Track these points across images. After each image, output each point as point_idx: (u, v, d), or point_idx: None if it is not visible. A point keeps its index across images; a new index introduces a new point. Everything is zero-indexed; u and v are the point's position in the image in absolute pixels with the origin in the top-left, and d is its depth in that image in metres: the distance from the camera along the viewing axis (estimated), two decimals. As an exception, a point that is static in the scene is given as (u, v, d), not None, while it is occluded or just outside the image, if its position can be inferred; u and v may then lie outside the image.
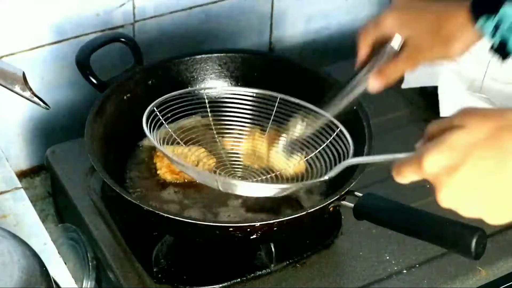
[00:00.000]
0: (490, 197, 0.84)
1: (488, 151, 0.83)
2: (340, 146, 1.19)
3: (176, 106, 1.24)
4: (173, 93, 1.24)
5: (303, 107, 1.25)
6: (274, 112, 1.27)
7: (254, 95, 1.27)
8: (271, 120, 1.28)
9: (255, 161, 1.27)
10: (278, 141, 1.28)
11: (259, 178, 1.23)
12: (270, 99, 1.27)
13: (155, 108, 1.21)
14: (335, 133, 1.20)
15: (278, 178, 1.23)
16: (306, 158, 1.23)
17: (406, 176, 0.90)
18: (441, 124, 0.88)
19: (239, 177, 1.23)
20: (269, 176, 1.23)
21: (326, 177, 1.13)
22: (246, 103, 1.27)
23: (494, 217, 0.86)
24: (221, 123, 1.29)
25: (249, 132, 1.29)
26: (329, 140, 1.21)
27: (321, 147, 1.22)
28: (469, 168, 0.83)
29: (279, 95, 1.27)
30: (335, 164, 1.16)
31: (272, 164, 1.27)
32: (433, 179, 0.87)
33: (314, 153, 1.22)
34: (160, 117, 1.21)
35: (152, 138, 1.16)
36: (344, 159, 1.16)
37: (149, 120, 1.18)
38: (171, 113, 1.24)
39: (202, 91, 1.30)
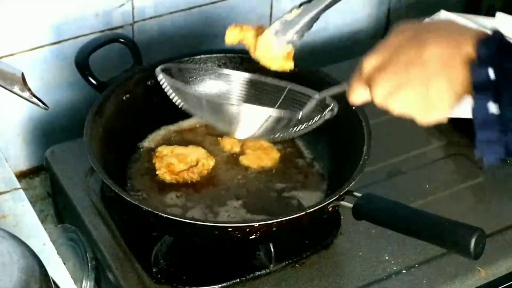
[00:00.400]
0: (416, 92, 0.90)
1: (409, 47, 0.91)
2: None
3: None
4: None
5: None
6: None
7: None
8: None
9: None
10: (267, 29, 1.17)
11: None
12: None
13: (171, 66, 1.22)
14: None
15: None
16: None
17: (355, 89, 0.97)
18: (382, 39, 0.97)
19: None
20: None
21: (300, 112, 1.11)
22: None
23: (423, 114, 0.92)
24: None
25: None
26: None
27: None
28: (394, 63, 0.92)
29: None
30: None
31: (259, 51, 1.17)
32: (369, 78, 0.94)
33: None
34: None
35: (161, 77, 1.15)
36: None
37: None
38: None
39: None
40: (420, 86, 0.90)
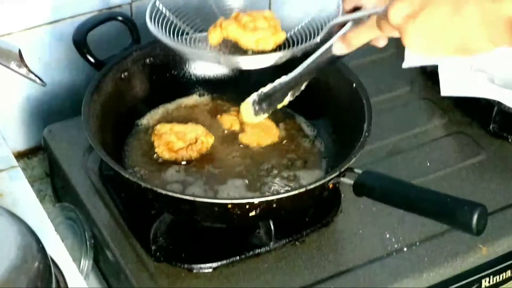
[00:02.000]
0: (450, 39, 0.93)
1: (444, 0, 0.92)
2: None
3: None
4: None
5: None
6: None
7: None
8: None
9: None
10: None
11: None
12: None
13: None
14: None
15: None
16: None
17: (382, 28, 0.99)
18: None
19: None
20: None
21: (317, 39, 1.18)
22: None
23: (461, 56, 0.96)
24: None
25: None
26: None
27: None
28: (427, 14, 0.92)
29: None
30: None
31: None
32: (399, 27, 0.95)
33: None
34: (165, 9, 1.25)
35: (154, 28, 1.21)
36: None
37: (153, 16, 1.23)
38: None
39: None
40: (460, 41, 0.92)
